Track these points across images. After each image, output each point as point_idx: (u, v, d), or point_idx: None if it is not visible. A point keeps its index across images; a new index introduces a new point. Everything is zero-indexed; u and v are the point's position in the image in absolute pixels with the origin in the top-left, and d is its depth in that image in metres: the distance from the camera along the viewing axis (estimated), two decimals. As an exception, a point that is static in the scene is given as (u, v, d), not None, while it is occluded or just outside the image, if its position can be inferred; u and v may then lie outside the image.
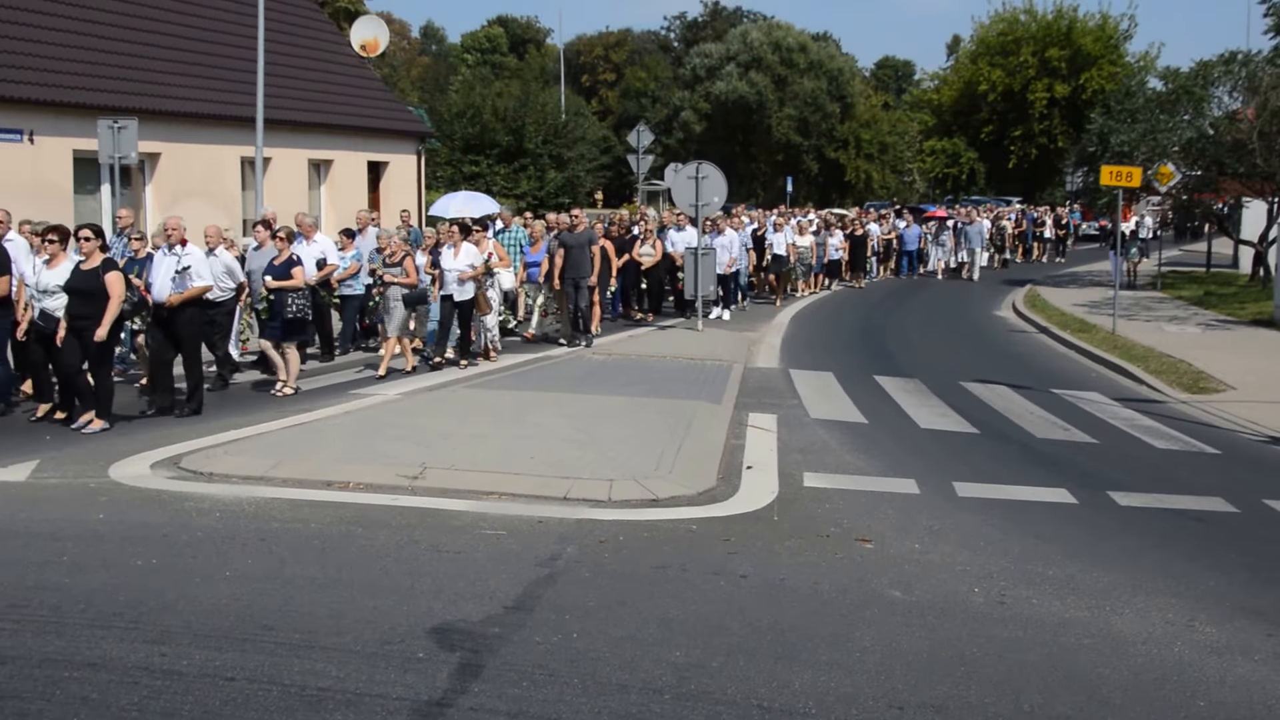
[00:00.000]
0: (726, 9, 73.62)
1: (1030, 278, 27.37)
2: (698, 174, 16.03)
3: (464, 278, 12.36)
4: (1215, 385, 13.11)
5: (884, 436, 9.93)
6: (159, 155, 18.51)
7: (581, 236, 14.49)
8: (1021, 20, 49.94)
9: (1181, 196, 26.36)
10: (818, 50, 58.11)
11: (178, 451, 8.38)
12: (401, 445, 8.37)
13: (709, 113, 57.13)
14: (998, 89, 48.55)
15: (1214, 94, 25.01)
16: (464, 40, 76.36)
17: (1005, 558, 6.41)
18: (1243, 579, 6.25)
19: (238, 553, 6.07)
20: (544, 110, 31.13)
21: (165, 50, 19.92)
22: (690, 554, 6.25)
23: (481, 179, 29.55)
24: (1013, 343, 17.53)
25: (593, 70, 73.64)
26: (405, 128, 25.80)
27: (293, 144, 21.46)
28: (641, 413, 9.91)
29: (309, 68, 23.78)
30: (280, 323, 10.88)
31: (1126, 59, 47.41)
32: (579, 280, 14.37)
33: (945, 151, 49.79)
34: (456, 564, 5.95)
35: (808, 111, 55.95)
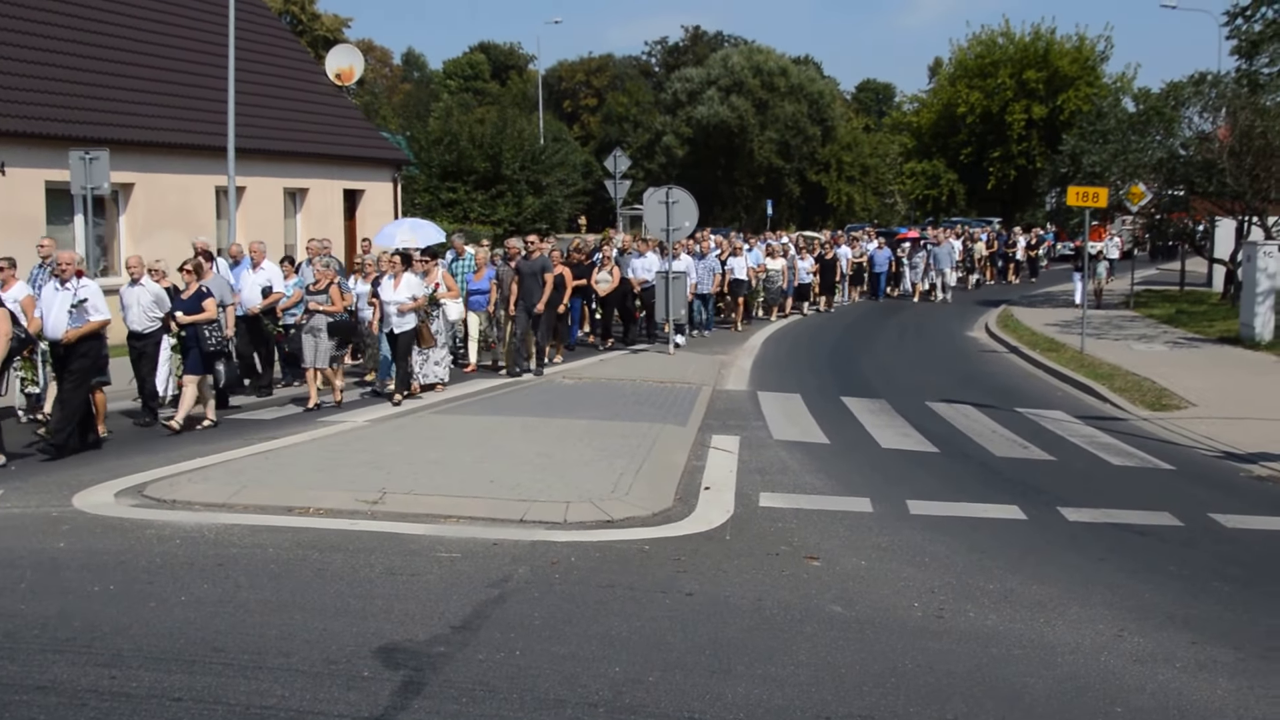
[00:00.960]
0: (707, 34, 74.39)
1: (1005, 298, 27.69)
2: (668, 199, 16.27)
3: (403, 309, 12.08)
4: (1177, 402, 13.33)
5: (844, 457, 10.10)
6: (132, 185, 18.65)
7: (535, 264, 14.29)
8: (999, 43, 50.59)
9: (1154, 216, 26.72)
10: (798, 74, 58.71)
11: (143, 480, 8.50)
12: (363, 471, 8.50)
13: (691, 137, 57.61)
14: (976, 111, 49.10)
15: (1185, 114, 25.45)
16: (446, 67, 76.82)
17: (949, 573, 6.57)
18: (1176, 590, 6.41)
19: (194, 578, 6.18)
20: (521, 137, 31.46)
21: (138, 81, 20.07)
22: (639, 573, 6.39)
23: (459, 205, 29.80)
24: (983, 363, 17.75)
25: (574, 96, 74.19)
26: (382, 155, 25.98)
27: (268, 173, 21.60)
28: (604, 436, 10.06)
29: (284, 96, 23.94)
30: (198, 355, 10.70)
31: (1104, 80, 48.02)
32: (532, 308, 14.15)
33: (925, 173, 50.28)
34: (409, 586, 6.08)
35: (789, 135, 56.47)
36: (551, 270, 14.42)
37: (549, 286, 14.23)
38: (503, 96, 59.69)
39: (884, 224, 48.67)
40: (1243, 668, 5.20)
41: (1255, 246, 18.83)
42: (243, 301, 12.82)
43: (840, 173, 57.11)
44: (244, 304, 12.82)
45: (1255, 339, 18.12)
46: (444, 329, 13.24)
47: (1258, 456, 10.44)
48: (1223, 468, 10.24)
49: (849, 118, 64.12)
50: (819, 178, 57.15)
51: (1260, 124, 22.46)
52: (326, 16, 49.46)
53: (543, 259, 14.37)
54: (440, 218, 28.83)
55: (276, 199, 22.12)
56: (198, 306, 10.81)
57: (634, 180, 47.73)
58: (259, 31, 24.90)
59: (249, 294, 12.97)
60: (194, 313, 10.77)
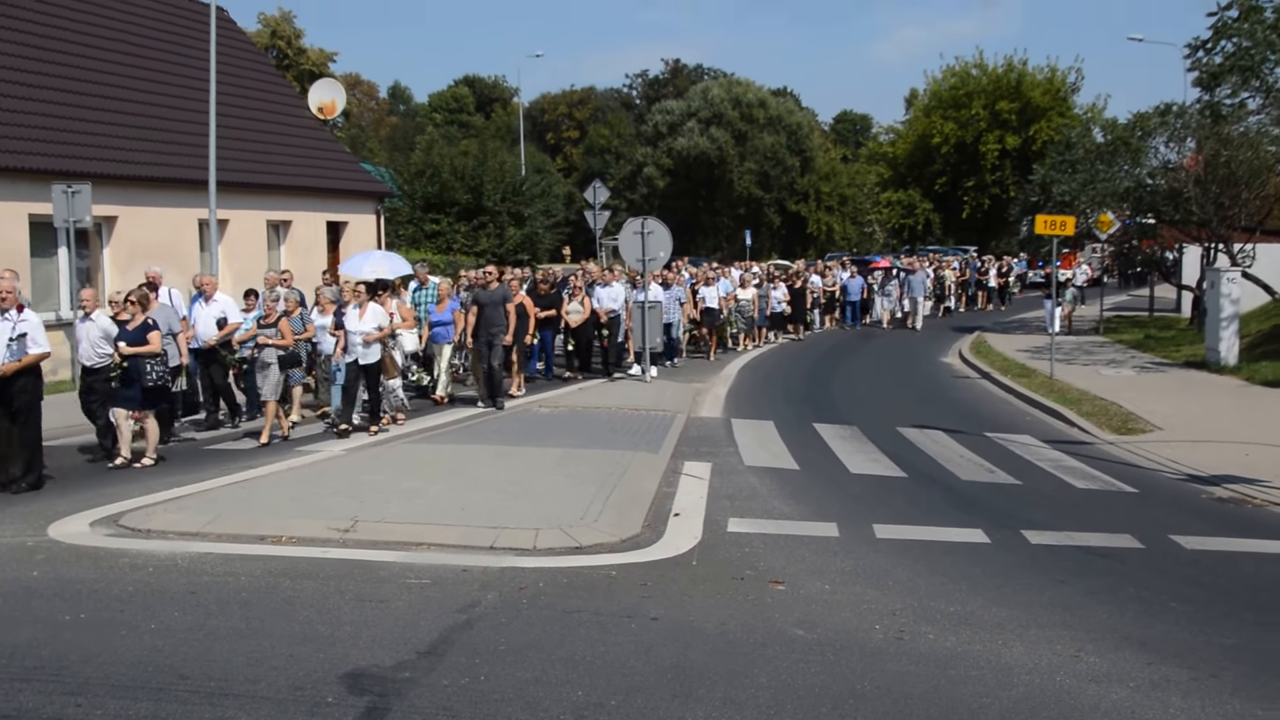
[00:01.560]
0: (687, 67, 75.32)
1: (979, 325, 27.99)
2: (643, 229, 16.46)
3: (369, 340, 11.95)
4: (1143, 426, 13.55)
5: (813, 482, 10.23)
6: (116, 218, 18.74)
7: (496, 294, 14.15)
8: (973, 74, 51.51)
9: (1122, 244, 27.16)
10: (777, 106, 59.44)
11: (118, 510, 8.54)
12: (337, 499, 8.57)
13: (671, 168, 58.17)
14: (951, 141, 49.88)
15: (1151, 144, 25.95)
16: (431, 100, 77.50)
17: (911, 596, 6.69)
18: (1134, 611, 6.55)
19: (165, 606, 6.24)
20: (502, 169, 31.78)
21: (122, 115, 20.22)
22: (606, 598, 6.48)
23: (442, 236, 30.05)
24: (955, 388, 17.97)
25: (557, 128, 74.90)
26: (364, 188, 26.19)
27: (251, 205, 21.75)
28: (577, 463, 10.17)
29: (267, 130, 24.15)
30: (138, 390, 10.39)
31: (1074, 111, 48.86)
32: (493, 339, 13.97)
33: (901, 203, 50.95)
34: (377, 613, 6.15)
35: (768, 165, 57.08)
36: (512, 300, 14.24)
37: (513, 317, 14.13)
38: (486, 129, 60.15)
39: (863, 252, 49.12)
40: (1195, 687, 5.33)
41: (1219, 273, 19.19)
42: (197, 335, 12.64)
43: (819, 202, 57.73)
44: (199, 337, 12.64)
45: (1220, 363, 18.42)
46: (400, 359, 13.14)
47: (1220, 478, 10.65)
48: (1185, 490, 10.43)
49: (827, 148, 64.93)
50: (798, 207, 57.74)
51: (1225, 153, 22.96)
52: (313, 51, 49.89)
53: (503, 289, 14.27)
54: (424, 249, 29.07)
55: (260, 231, 22.26)
56: (142, 339, 10.49)
57: (616, 211, 48.16)
58: (242, 65, 25.12)
59: (203, 327, 12.75)
60: (137, 344, 10.44)
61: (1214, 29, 21.88)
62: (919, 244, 49.05)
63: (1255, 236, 24.96)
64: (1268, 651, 5.91)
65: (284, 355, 11.93)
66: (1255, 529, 8.77)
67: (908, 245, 49.72)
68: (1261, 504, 9.77)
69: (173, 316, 11.96)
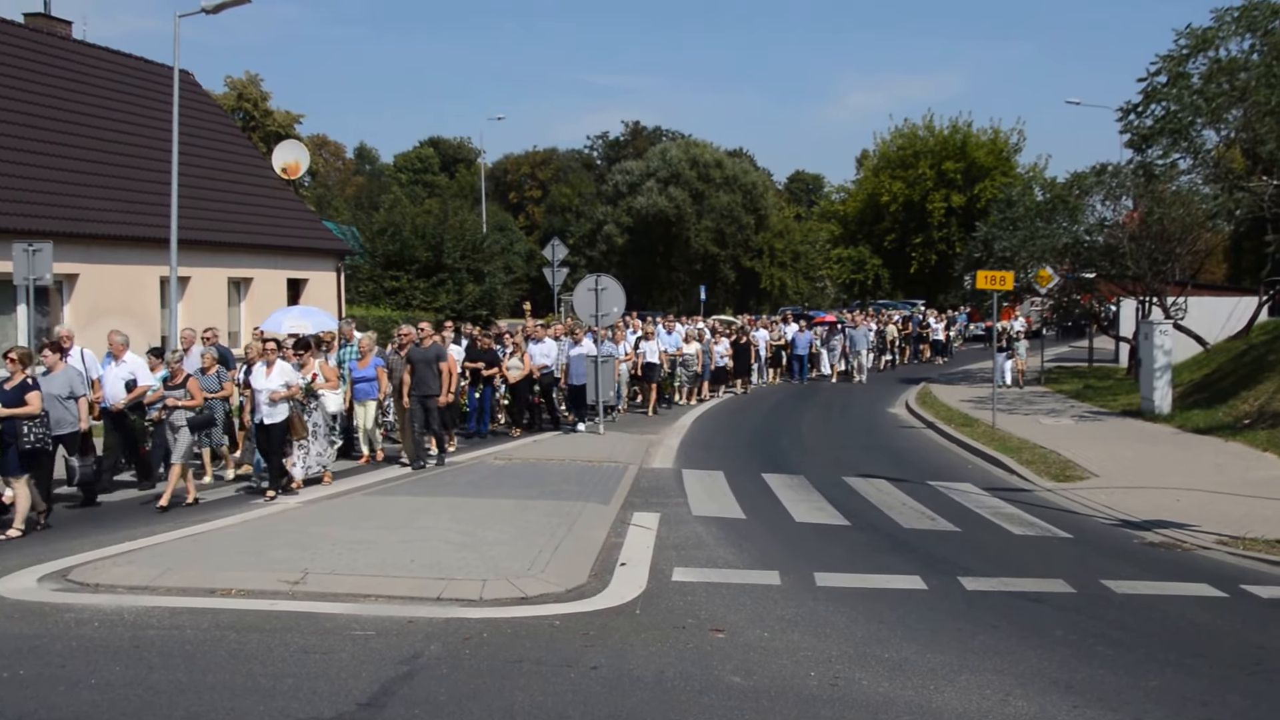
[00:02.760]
0: (646, 128, 76.76)
1: (926, 376, 28.53)
2: (597, 286, 16.75)
3: (276, 398, 11.42)
4: (1080, 473, 13.95)
5: (758, 531, 10.42)
6: (77, 276, 18.77)
7: (429, 352, 13.76)
8: (920, 135, 52.95)
9: (1061, 298, 27.94)
10: (733, 166, 60.65)
11: (67, 564, 8.51)
12: (288, 552, 8.62)
13: (631, 226, 59.02)
14: (899, 200, 51.10)
15: (1089, 202, 26.87)
16: (397, 160, 78.29)
17: (847, 643, 6.87)
18: (1063, 656, 6.76)
19: (108, 661, 6.26)
20: (463, 227, 32.21)
21: (84, 175, 20.33)
22: (548, 648, 6.60)
23: (401, 293, 30.35)
24: (901, 438, 18.32)
25: (520, 187, 75.81)
26: (325, 245, 26.44)
27: (212, 263, 21.89)
28: (528, 514, 10.29)
29: (229, 189, 24.38)
30: (14, 454, 9.83)
31: (1017, 170, 50.35)
32: (426, 398, 13.61)
33: (851, 259, 51.95)
34: (321, 664, 6.22)
35: (724, 223, 58.10)
36: (446, 359, 13.97)
37: (446, 375, 13.82)
38: (449, 188, 60.81)
39: (815, 307, 49.92)
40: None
41: (1152, 325, 19.85)
42: (106, 396, 12.11)
43: (773, 259, 58.75)
44: (108, 398, 12.09)
45: (1155, 412, 19.00)
46: (323, 421, 12.56)
47: (1152, 523, 11.00)
48: (1118, 535, 10.76)
49: (781, 207, 66.20)
50: (753, 264, 58.68)
51: (1158, 211, 23.86)
52: (279, 112, 50.37)
53: (436, 347, 13.96)
54: (383, 305, 29.25)
55: (220, 288, 22.37)
56: (19, 399, 9.93)
57: (576, 268, 48.64)
58: (206, 127, 25.39)
59: (111, 388, 12.14)
60: (14, 405, 9.89)
61: (1144, 94, 22.85)
62: (869, 299, 49.99)
63: (1187, 290, 25.86)
64: (1189, 692, 6.14)
65: (196, 416, 11.50)
66: (1183, 573, 9.08)
67: (858, 300, 50.63)
68: (1190, 548, 10.12)
69: (76, 379, 11.18)
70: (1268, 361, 19.51)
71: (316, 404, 12.41)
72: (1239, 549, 9.93)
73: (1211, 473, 13.78)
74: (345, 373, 14.32)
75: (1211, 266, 49.77)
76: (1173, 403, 19.42)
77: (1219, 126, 22.41)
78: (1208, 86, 21.07)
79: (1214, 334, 24.90)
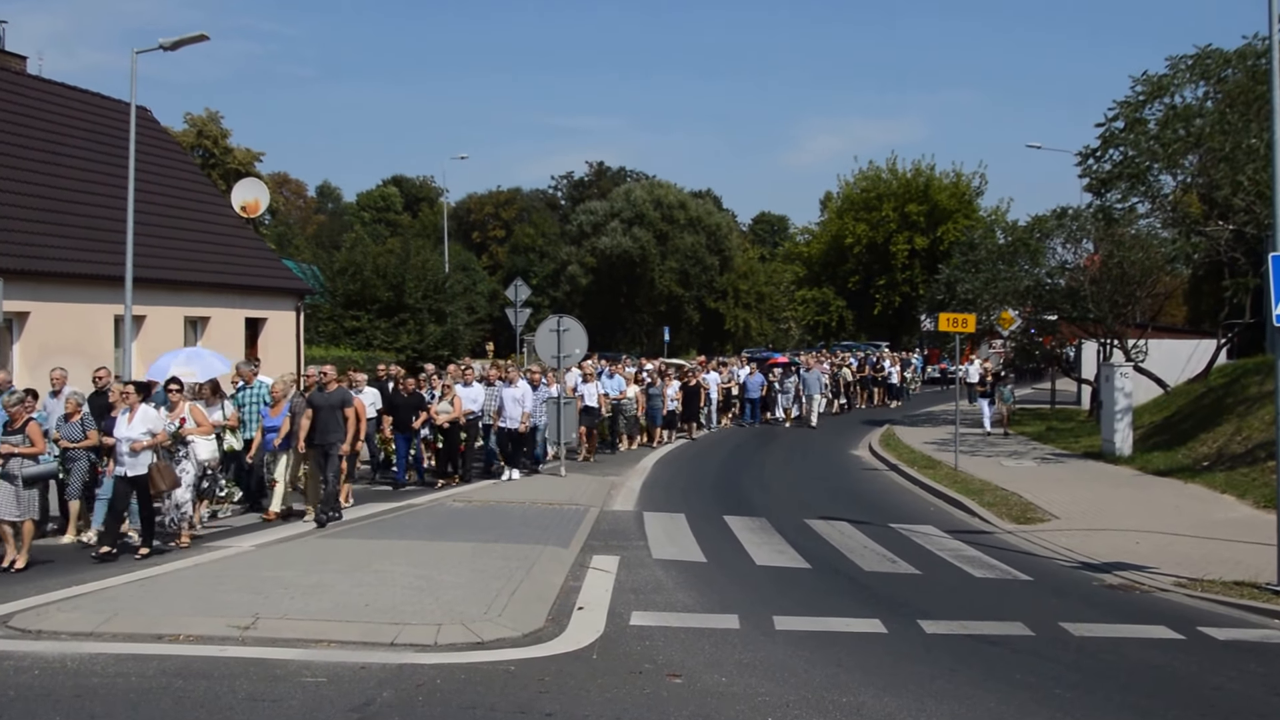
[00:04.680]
0: (611, 169, 77.26)
1: (890, 418, 28.68)
2: (559, 327, 16.76)
3: (137, 448, 10.60)
4: (1041, 515, 14.04)
5: (719, 574, 10.37)
6: (28, 314, 18.47)
7: (333, 397, 12.78)
8: (883, 178, 53.74)
9: (1022, 340, 28.30)
10: (697, 207, 61.06)
11: (9, 610, 8.29)
12: (240, 596, 8.45)
13: (595, 266, 59.11)
14: (862, 242, 51.71)
15: (1050, 245, 27.32)
16: (359, 199, 78.03)
17: (805, 688, 6.82)
18: (1020, 700, 6.74)
19: (47, 710, 6.08)
20: (425, 267, 32.10)
21: (37, 210, 20.08)
22: (502, 694, 6.49)
23: (362, 333, 30.10)
24: (863, 480, 18.38)
25: (483, 227, 75.75)
26: (284, 285, 26.22)
27: (168, 302, 21.65)
28: (485, 558, 10.18)
29: (187, 227, 24.16)
30: None
31: (979, 213, 51.15)
32: (328, 447, 12.60)
33: (815, 300, 52.38)
34: (270, 712, 6.08)
35: (688, 264, 58.37)
36: (352, 405, 12.99)
37: (351, 423, 12.85)
38: (412, 228, 60.67)
39: (779, 348, 50.17)
40: (1068, 768, 5.54)
41: (1113, 368, 20.15)
42: None
43: (737, 300, 59.03)
44: None
45: (1115, 453, 19.22)
46: (192, 469, 11.57)
47: (1111, 566, 11.08)
48: (1078, 577, 10.82)
49: (745, 248, 66.65)
50: (717, 305, 58.93)
51: (1117, 254, 24.32)
52: (239, 150, 50.12)
53: (341, 392, 12.99)
54: (343, 345, 28.98)
55: (176, 327, 22.10)
56: None
57: (540, 308, 48.64)
58: (164, 164, 25.21)
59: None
60: None
61: (1102, 139, 23.34)
62: (833, 340, 50.34)
63: (1147, 332, 26.30)
64: (1139, 733, 6.17)
65: (37, 468, 10.64)
66: (1141, 614, 9.14)
67: (822, 341, 50.98)
68: (1148, 590, 10.20)
69: None
70: (1226, 404, 19.84)
71: (187, 450, 11.55)
72: (1197, 591, 10.02)
73: (1171, 514, 13.94)
74: (251, 417, 13.54)
75: (1172, 309, 50.72)
76: (1133, 445, 19.67)
77: (1175, 171, 22.94)
78: (1164, 132, 21.57)
79: (1174, 376, 25.29)
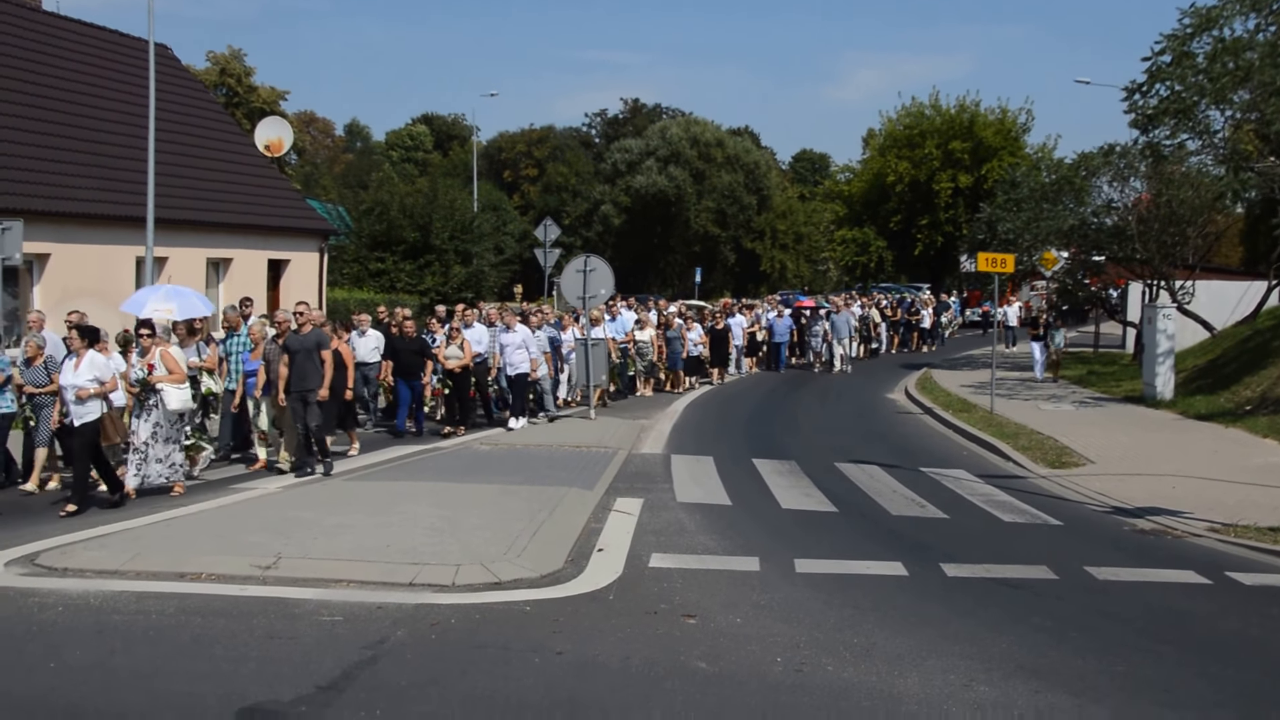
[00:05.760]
0: (646, 106, 75.94)
1: (929, 362, 28.31)
2: (585, 267, 16.62)
3: (83, 395, 10.08)
4: (1076, 460, 13.81)
5: (742, 517, 10.33)
6: (48, 255, 18.61)
7: (308, 339, 11.91)
8: (927, 114, 52.46)
9: (1066, 281, 27.68)
10: (734, 145, 60.21)
11: (37, 549, 8.45)
12: (263, 536, 8.55)
13: (629, 206, 58.60)
14: (905, 180, 50.62)
15: (1095, 183, 26.57)
16: (388, 138, 77.52)
17: (819, 629, 6.78)
18: (1034, 641, 6.68)
19: (70, 645, 6.20)
20: (452, 207, 31.87)
21: (58, 150, 20.14)
22: (516, 633, 6.52)
23: (386, 275, 30.09)
24: (897, 424, 18.19)
25: (515, 166, 75.01)
26: (308, 225, 26.21)
27: (190, 243, 21.73)
28: (509, 500, 10.21)
29: (209, 167, 24.14)
30: None
31: (1025, 150, 49.87)
32: (306, 394, 11.78)
33: (855, 240, 51.53)
34: (285, 649, 6.16)
35: (725, 204, 57.70)
36: (328, 347, 12.14)
37: (329, 367, 11.96)
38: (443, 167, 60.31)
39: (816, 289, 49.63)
40: (1078, 713, 5.48)
41: (1155, 309, 19.66)
42: None
43: (774, 240, 58.35)
44: None
45: (1157, 397, 18.82)
46: (164, 420, 10.85)
47: (1144, 511, 10.88)
48: (1109, 522, 10.64)
49: (784, 187, 65.67)
50: (754, 245, 58.33)
51: (1166, 193, 23.59)
52: (263, 89, 49.87)
53: (316, 333, 12.11)
54: (367, 288, 29.04)
55: (199, 269, 22.21)
56: None
57: (572, 248, 48.43)
58: (186, 103, 25.17)
59: None
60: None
61: (1149, 73, 22.49)
62: (871, 281, 49.66)
63: (1195, 273, 25.59)
64: (1152, 678, 6.08)
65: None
66: (1170, 559, 8.98)
67: (860, 283, 50.33)
68: (1181, 535, 10.01)
69: None
70: (1273, 347, 19.32)
71: (156, 399, 10.82)
72: (1230, 536, 9.82)
73: (1209, 459, 13.65)
74: (237, 366, 12.97)
75: (1228, 250, 49.25)
76: (1175, 388, 19.25)
77: (1223, 107, 22.09)
78: (1212, 66, 20.72)
79: (1223, 319, 24.59)
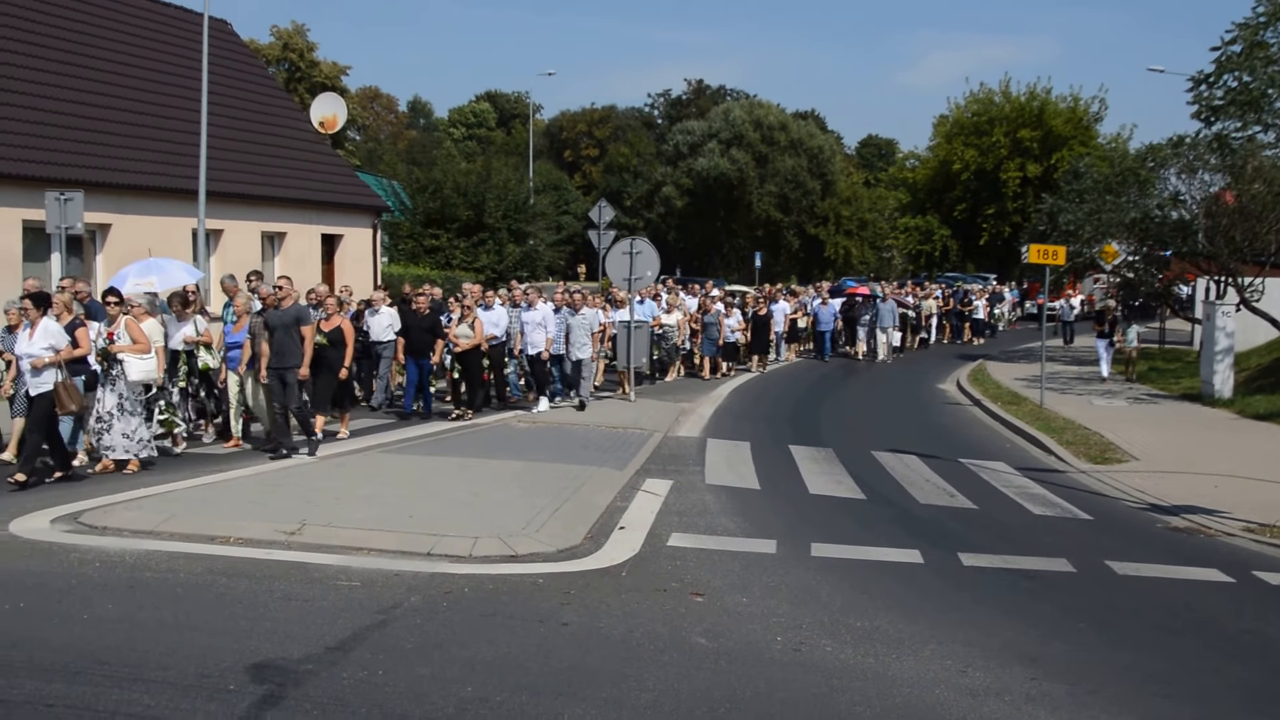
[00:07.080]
0: (710, 88, 75.66)
1: (985, 354, 27.93)
2: (632, 249, 16.75)
3: (38, 364, 9.86)
4: (1120, 456, 13.60)
5: (768, 502, 10.41)
6: (109, 226, 19.27)
7: (287, 315, 11.42)
8: (996, 101, 51.52)
9: (1128, 275, 27.04)
10: (798, 129, 59.72)
11: (81, 507, 8.88)
12: (292, 503, 8.86)
13: (690, 188, 58.52)
14: (971, 168, 49.84)
15: (1163, 175, 25.87)
16: (451, 115, 78.29)
17: (823, 611, 6.86)
18: (1039, 631, 6.68)
19: (103, 598, 6.54)
20: (506, 185, 32.15)
21: (117, 124, 20.77)
22: (525, 604, 6.71)
23: (441, 252, 30.47)
24: (943, 415, 18.04)
25: (576, 145, 75.30)
26: (362, 201, 26.66)
27: (245, 216, 22.28)
28: (537, 477, 10.41)
29: (264, 142, 24.68)
30: None
31: (1097, 140, 48.73)
32: (284, 372, 11.31)
33: (919, 228, 50.89)
34: (301, 611, 6.41)
35: (788, 188, 57.30)
36: (309, 323, 11.64)
37: (309, 344, 11.53)
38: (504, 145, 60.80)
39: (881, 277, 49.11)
40: (1070, 701, 5.48)
41: (1215, 306, 19.20)
42: None
43: (838, 226, 57.84)
44: None
45: (1215, 396, 18.39)
46: (127, 392, 10.65)
47: (1180, 509, 10.71)
48: (1142, 519, 10.50)
49: (849, 172, 65.02)
50: (817, 231, 57.88)
51: (1236, 187, 22.89)
52: (325, 64, 50.55)
53: (296, 308, 11.59)
54: (423, 264, 29.46)
55: (254, 242, 22.78)
56: None
57: (634, 230, 48.56)
58: (242, 77, 25.75)
59: None
60: None
61: (1217, 63, 21.88)
62: (935, 270, 49.00)
63: (1265, 270, 24.80)
64: (1157, 670, 6.05)
65: None
66: (1195, 557, 8.85)
67: (924, 272, 49.67)
68: (1213, 534, 9.85)
69: None
70: (1339, 346, 18.77)
71: (118, 370, 10.65)
72: (1265, 536, 9.63)
73: (1260, 460, 13.33)
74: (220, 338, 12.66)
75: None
76: (1235, 387, 18.78)
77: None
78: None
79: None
